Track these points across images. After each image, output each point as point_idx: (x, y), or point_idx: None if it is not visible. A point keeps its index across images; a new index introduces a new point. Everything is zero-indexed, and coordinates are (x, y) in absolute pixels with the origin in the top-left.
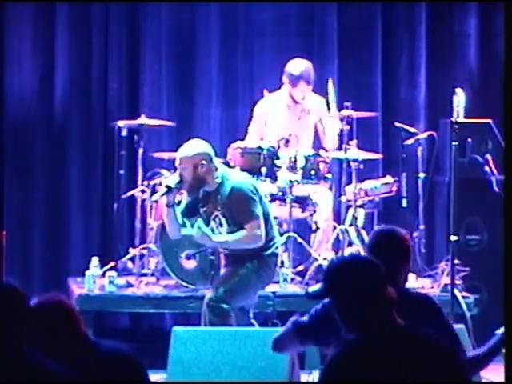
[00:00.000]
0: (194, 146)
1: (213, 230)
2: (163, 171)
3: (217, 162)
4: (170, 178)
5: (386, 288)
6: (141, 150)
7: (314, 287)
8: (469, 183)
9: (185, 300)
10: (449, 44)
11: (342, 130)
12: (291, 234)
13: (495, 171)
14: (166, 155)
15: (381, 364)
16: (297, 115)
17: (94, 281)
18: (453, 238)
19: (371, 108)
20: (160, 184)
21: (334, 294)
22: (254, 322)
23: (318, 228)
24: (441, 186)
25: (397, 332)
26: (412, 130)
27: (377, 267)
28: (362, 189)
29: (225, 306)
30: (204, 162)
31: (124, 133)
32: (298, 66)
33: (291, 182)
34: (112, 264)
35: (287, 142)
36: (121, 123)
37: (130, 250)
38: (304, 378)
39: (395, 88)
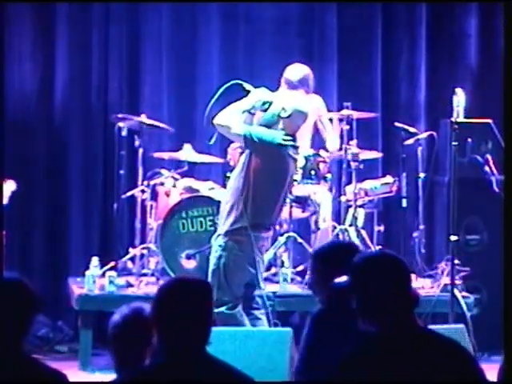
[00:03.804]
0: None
1: None
2: (163, 171)
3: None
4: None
5: (410, 288)
6: (141, 150)
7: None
8: (469, 183)
9: None
10: (449, 44)
11: (342, 130)
12: (291, 233)
13: (495, 171)
14: (166, 155)
15: (395, 363)
16: None
17: (94, 281)
18: (453, 237)
19: (371, 108)
20: (161, 184)
21: (356, 288)
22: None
23: (318, 228)
24: (441, 186)
25: (415, 333)
26: (412, 129)
27: (403, 266)
28: (362, 189)
29: (229, 308)
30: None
31: (124, 133)
32: (297, 72)
33: None
34: (112, 264)
35: None
36: (121, 123)
37: (130, 249)
38: None
39: (395, 88)
